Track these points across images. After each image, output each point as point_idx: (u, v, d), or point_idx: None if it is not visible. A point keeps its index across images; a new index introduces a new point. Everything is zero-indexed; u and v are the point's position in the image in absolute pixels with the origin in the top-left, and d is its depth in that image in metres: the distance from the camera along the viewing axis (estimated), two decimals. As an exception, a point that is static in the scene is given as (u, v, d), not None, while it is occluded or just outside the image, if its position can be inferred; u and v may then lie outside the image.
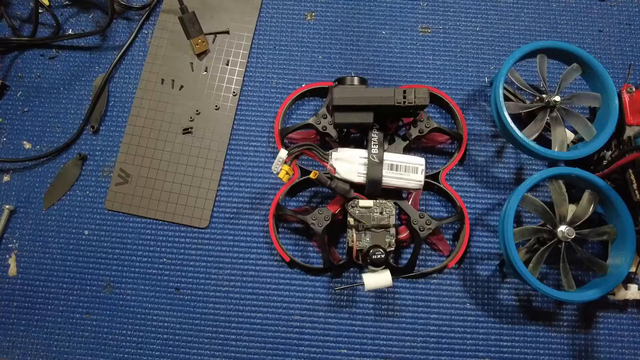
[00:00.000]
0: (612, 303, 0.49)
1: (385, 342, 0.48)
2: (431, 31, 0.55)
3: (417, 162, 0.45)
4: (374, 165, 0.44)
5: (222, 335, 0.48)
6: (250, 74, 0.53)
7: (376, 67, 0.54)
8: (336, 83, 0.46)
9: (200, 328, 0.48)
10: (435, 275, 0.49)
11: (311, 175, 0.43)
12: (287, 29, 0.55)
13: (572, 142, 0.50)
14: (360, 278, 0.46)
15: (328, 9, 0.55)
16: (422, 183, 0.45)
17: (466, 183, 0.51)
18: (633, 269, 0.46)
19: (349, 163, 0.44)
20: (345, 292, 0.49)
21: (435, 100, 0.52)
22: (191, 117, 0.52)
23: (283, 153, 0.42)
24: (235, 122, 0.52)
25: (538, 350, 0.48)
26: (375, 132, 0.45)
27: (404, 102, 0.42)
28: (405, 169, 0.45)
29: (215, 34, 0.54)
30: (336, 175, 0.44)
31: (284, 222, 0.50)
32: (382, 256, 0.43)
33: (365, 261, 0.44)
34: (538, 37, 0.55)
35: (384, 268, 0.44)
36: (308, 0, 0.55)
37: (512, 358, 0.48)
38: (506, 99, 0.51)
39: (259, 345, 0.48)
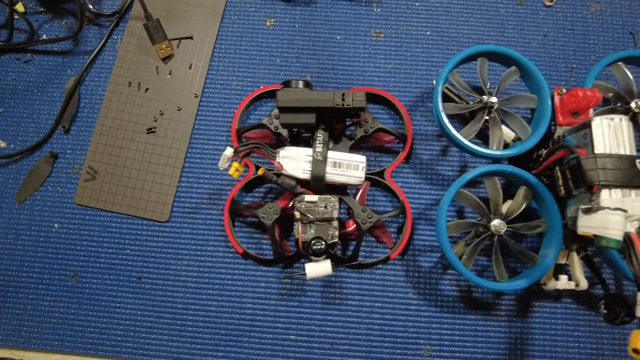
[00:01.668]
0: (548, 293, 0.52)
1: (331, 329, 0.51)
2: (384, 36, 0.58)
3: (359, 160, 0.48)
4: (318, 163, 0.47)
5: (180, 322, 0.51)
6: (212, 76, 0.57)
7: (330, 70, 0.57)
8: (282, 86, 0.49)
9: (160, 315, 0.51)
10: (380, 265, 0.52)
11: (259, 172, 0.47)
12: (248, 34, 0.58)
13: (512, 140, 0.53)
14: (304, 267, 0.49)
15: (287, 15, 0.58)
16: (363, 179, 0.48)
17: (411, 180, 0.54)
18: (563, 261, 0.49)
19: (295, 161, 0.48)
20: (295, 281, 0.52)
21: (384, 102, 0.55)
22: (155, 118, 0.55)
23: (228, 151, 0.45)
24: (196, 122, 0.56)
25: (477, 339, 0.51)
26: (321, 132, 0.49)
27: (343, 104, 0.45)
28: (347, 166, 0.48)
29: (180, 39, 0.57)
30: (283, 172, 0.48)
31: (239, 216, 0.53)
32: (322, 247, 0.46)
33: (307, 252, 0.47)
34: (486, 40, 0.58)
35: (325, 258, 0.47)
36: (268, 7, 0.59)
37: (452, 345, 0.51)
38: (450, 100, 0.54)
39: (213, 331, 0.51)
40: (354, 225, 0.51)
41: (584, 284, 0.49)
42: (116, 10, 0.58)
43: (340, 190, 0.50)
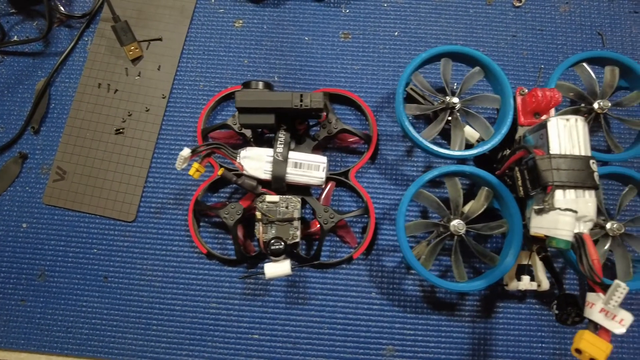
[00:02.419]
0: (512, 294, 0.52)
1: (294, 329, 0.51)
2: (351, 37, 0.58)
3: (320, 160, 0.48)
4: (278, 163, 0.47)
5: (145, 320, 0.52)
6: (180, 77, 0.57)
7: (298, 71, 0.57)
8: (242, 87, 0.49)
9: (125, 313, 0.52)
10: (345, 265, 0.53)
11: (218, 173, 0.47)
12: (217, 35, 0.58)
13: (477, 141, 0.53)
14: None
15: (255, 16, 0.59)
16: (324, 180, 0.48)
17: (377, 180, 0.55)
18: (526, 261, 0.49)
19: (256, 161, 0.48)
20: (259, 281, 0.52)
21: (350, 103, 0.55)
22: (123, 119, 0.56)
23: (185, 151, 0.45)
24: (163, 122, 0.56)
25: (440, 339, 0.51)
26: (283, 132, 0.49)
27: (301, 105, 0.46)
28: (308, 167, 0.48)
29: (149, 41, 0.58)
30: (244, 172, 0.48)
31: (205, 216, 0.54)
32: (281, 247, 0.46)
33: (267, 252, 0.47)
34: (454, 41, 0.58)
35: (285, 258, 0.47)
36: (237, 9, 0.59)
37: (414, 345, 0.51)
38: (415, 101, 0.54)
39: (178, 330, 0.51)
40: (318, 225, 0.51)
41: (545, 285, 0.49)
42: (86, 12, 0.58)
43: (303, 190, 0.50)
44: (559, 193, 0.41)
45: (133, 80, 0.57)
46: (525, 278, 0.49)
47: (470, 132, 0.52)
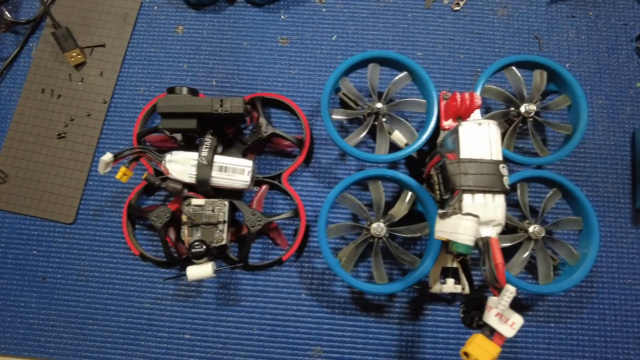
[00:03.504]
0: (442, 297, 0.53)
1: (224, 329, 0.52)
2: (290, 42, 0.59)
3: (245, 164, 0.49)
4: (203, 167, 0.48)
5: (81, 320, 0.53)
6: (121, 83, 0.58)
7: (235, 76, 0.58)
8: (167, 92, 0.50)
9: (62, 313, 0.53)
10: (276, 267, 0.53)
11: (143, 177, 0.48)
12: (158, 41, 0.59)
13: (405, 145, 0.53)
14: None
15: (196, 22, 0.60)
16: (248, 183, 0.49)
17: (311, 183, 0.55)
18: (450, 264, 0.50)
19: (181, 165, 0.49)
20: (192, 282, 0.53)
21: (286, 107, 0.56)
22: (65, 124, 0.57)
23: (106, 156, 0.46)
24: (104, 127, 0.57)
25: (367, 340, 0.52)
26: (209, 136, 0.50)
27: (221, 110, 0.47)
28: (233, 171, 0.49)
29: (92, 47, 0.59)
30: (170, 176, 0.49)
31: (141, 219, 0.55)
32: (202, 250, 0.47)
33: (189, 254, 0.48)
34: (392, 45, 0.59)
35: (208, 260, 0.48)
36: (179, 15, 0.60)
37: (342, 346, 0.52)
38: (348, 105, 0.54)
39: (112, 329, 0.53)
40: (249, 228, 0.52)
41: (468, 288, 0.49)
42: (31, 19, 0.60)
43: (234, 194, 0.51)
44: (467, 197, 0.42)
45: (76, 85, 0.58)
46: (450, 281, 0.50)
47: (399, 137, 0.53)
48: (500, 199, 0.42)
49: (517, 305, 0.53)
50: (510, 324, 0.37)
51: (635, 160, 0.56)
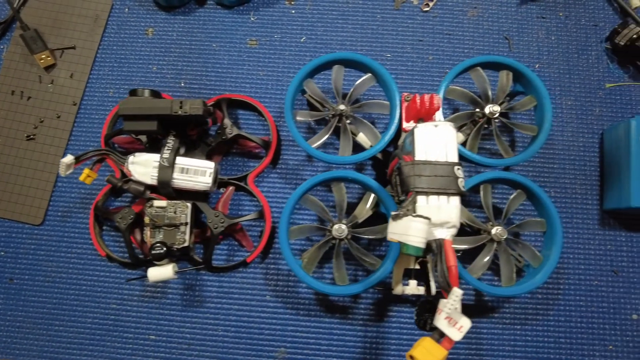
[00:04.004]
0: (407, 299, 0.53)
1: (189, 331, 0.52)
2: (258, 43, 0.59)
3: (207, 166, 0.49)
4: (164, 169, 0.49)
5: (48, 321, 0.53)
6: (91, 85, 0.59)
7: (204, 77, 0.58)
8: (129, 95, 0.50)
9: (29, 314, 0.53)
10: (242, 269, 0.54)
11: (105, 179, 0.48)
12: (129, 43, 0.60)
13: (370, 146, 0.53)
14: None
15: (166, 24, 0.60)
16: (210, 185, 0.49)
17: (278, 185, 0.55)
18: (412, 266, 0.50)
19: (143, 167, 0.49)
20: (158, 283, 0.53)
21: (253, 109, 0.56)
22: (35, 125, 0.58)
23: (67, 158, 0.47)
24: (74, 129, 0.58)
25: (332, 342, 0.52)
26: (172, 138, 0.50)
27: (181, 111, 0.47)
28: (195, 172, 0.49)
29: (63, 49, 0.59)
30: (132, 177, 0.49)
31: (108, 220, 0.55)
32: (161, 252, 0.47)
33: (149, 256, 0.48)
34: (361, 46, 0.59)
35: (172, 261, 0.48)
36: (150, 17, 0.60)
37: (306, 348, 0.52)
38: (314, 107, 0.54)
39: (79, 330, 0.53)
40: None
41: (432, 289, 0.49)
42: (2, 20, 0.60)
43: (199, 195, 0.51)
44: (421, 199, 0.42)
45: (46, 87, 0.59)
46: (412, 282, 0.50)
47: (364, 139, 0.53)
48: (455, 201, 0.42)
49: (483, 307, 0.53)
50: (458, 327, 0.37)
51: (604, 162, 0.56)
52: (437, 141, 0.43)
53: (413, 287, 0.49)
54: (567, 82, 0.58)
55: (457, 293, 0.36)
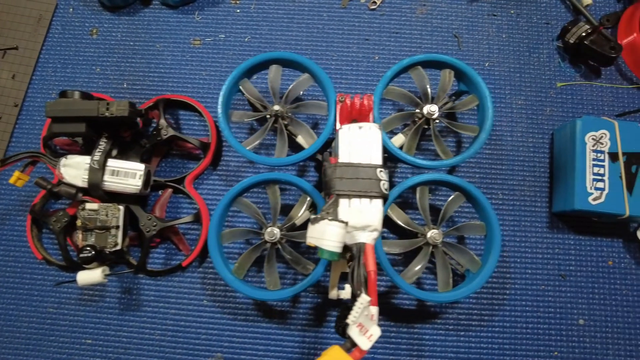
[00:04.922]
0: (346, 303, 0.51)
1: (126, 335, 0.52)
2: (202, 43, 0.58)
3: (137, 168, 0.49)
4: (94, 171, 0.48)
5: (-16, 325, 0.53)
6: (34, 86, 0.58)
7: (147, 78, 0.57)
8: (59, 96, 0.49)
9: (-33, 318, 0.53)
10: (179, 273, 0.53)
11: (34, 182, 0.48)
12: (73, 44, 0.59)
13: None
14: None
15: (111, 25, 0.59)
16: (140, 187, 0.48)
17: (218, 187, 0.54)
18: (347, 270, 0.48)
19: (75, 169, 0.48)
20: (96, 287, 0.53)
21: (193, 109, 0.55)
22: (-23, 127, 0.57)
23: (-11, 160, 0.46)
24: (15, 130, 0.57)
25: (269, 347, 0.51)
26: (103, 140, 0.49)
27: (107, 113, 0.46)
28: (125, 175, 0.48)
29: (4, 49, 0.59)
30: (64, 180, 0.48)
31: (45, 223, 0.54)
32: (89, 255, 0.46)
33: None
34: (306, 45, 0.57)
35: (105, 264, 0.48)
36: (94, 18, 0.60)
37: (243, 353, 0.51)
38: (255, 108, 0.53)
39: (14, 335, 0.52)
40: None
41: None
42: (-53, 23, 0.60)
43: (133, 198, 0.50)
44: (343, 202, 0.41)
45: (-11, 89, 0.58)
46: (348, 287, 0.48)
47: (302, 140, 0.51)
48: (378, 204, 0.41)
49: (425, 313, 0.51)
50: (368, 336, 0.36)
51: (554, 163, 0.54)
52: (360, 143, 0.42)
53: (349, 292, 0.48)
54: (517, 81, 0.56)
55: (362, 300, 0.35)
